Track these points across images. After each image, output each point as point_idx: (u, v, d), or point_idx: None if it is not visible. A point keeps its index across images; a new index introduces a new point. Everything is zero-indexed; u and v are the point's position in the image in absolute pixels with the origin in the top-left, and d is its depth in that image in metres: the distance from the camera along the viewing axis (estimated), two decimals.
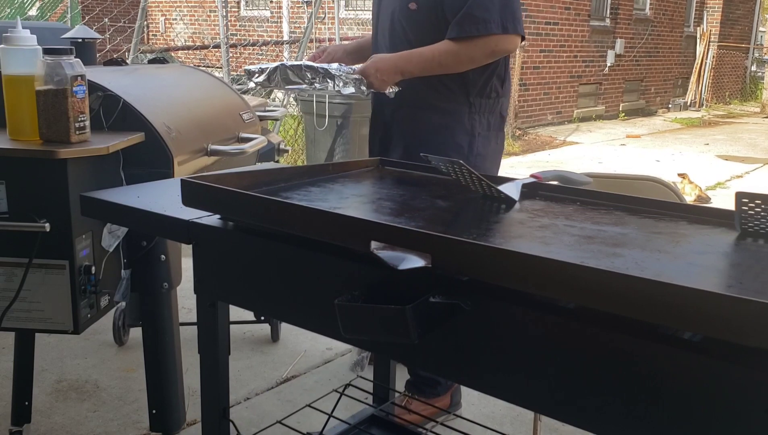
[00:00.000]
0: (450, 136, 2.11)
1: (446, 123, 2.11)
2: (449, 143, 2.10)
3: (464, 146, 2.12)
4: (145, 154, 1.75)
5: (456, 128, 2.12)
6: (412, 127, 2.14)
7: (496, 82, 2.14)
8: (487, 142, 2.17)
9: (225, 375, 1.35)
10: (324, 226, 1.05)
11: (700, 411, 0.80)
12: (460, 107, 2.11)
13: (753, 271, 1.04)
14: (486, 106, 2.14)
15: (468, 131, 2.13)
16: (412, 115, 2.14)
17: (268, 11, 11.98)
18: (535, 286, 0.87)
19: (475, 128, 2.13)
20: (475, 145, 2.13)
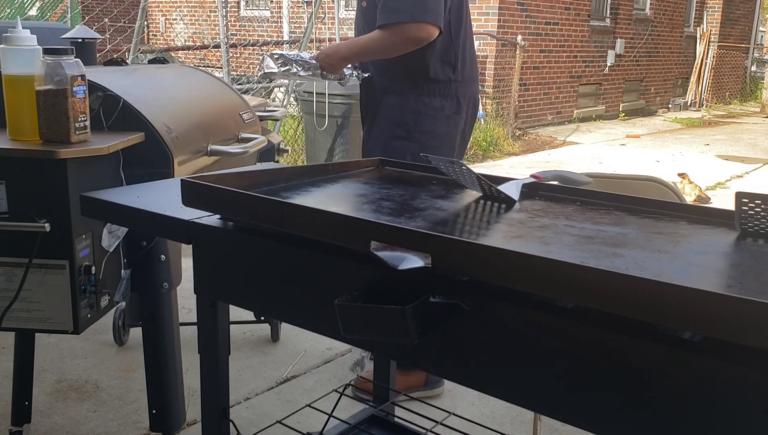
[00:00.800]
0: (398, 113, 2.38)
1: (396, 103, 2.38)
2: (396, 120, 2.38)
3: (409, 123, 2.37)
4: (145, 154, 1.75)
5: (403, 108, 2.37)
6: (375, 108, 2.44)
7: (446, 68, 2.34)
8: (436, 121, 2.38)
9: (225, 375, 1.35)
10: (324, 226, 1.05)
11: (700, 411, 0.80)
12: (408, 89, 2.36)
13: (753, 271, 1.04)
14: (436, 90, 2.36)
15: (413, 110, 2.37)
16: (375, 98, 2.43)
17: (268, 11, 11.98)
18: (535, 286, 0.87)
19: (420, 108, 2.36)
20: (420, 122, 2.37)
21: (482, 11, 9.17)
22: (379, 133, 2.41)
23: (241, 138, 2.24)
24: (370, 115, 2.47)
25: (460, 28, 2.35)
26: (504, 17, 9.23)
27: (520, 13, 9.50)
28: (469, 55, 2.42)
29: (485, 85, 9.22)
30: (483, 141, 8.00)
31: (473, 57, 2.45)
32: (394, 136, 2.37)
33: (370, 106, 2.46)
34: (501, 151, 8.16)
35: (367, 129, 2.48)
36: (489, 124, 8.60)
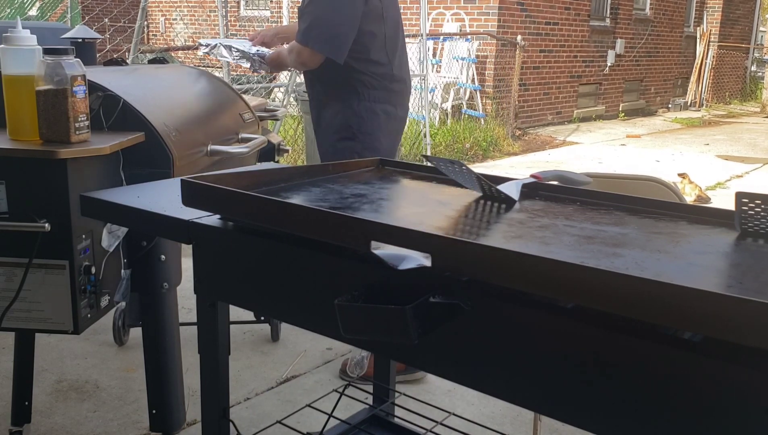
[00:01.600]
0: (340, 118, 2.65)
1: (338, 109, 2.65)
2: (337, 123, 2.65)
3: (352, 125, 2.64)
4: (145, 154, 1.75)
5: (346, 113, 2.64)
6: (317, 115, 2.75)
7: (381, 80, 2.65)
8: (373, 123, 2.66)
9: (225, 375, 1.35)
10: (324, 226, 1.05)
11: (700, 411, 0.80)
12: (349, 97, 2.63)
13: (753, 271, 1.04)
14: (375, 97, 2.65)
15: (356, 114, 2.63)
16: (322, 106, 2.71)
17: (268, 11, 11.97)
18: (535, 286, 0.87)
19: (361, 111, 2.63)
20: (363, 124, 2.64)
21: (482, 11, 9.17)
22: (325, 136, 2.72)
23: (241, 138, 2.24)
24: (316, 118, 2.78)
25: (396, 41, 2.67)
26: (504, 17, 9.23)
27: (520, 13, 9.50)
28: (405, 62, 2.76)
29: (485, 85, 9.23)
30: (483, 141, 8.00)
31: (407, 62, 2.80)
32: (342, 138, 2.65)
33: (315, 110, 2.77)
34: (501, 151, 8.16)
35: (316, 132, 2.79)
36: (489, 124, 8.60)
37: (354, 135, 2.62)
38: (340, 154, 2.57)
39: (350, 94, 2.62)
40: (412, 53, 7.36)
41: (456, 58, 8.92)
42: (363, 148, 2.61)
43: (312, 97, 2.75)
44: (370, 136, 2.65)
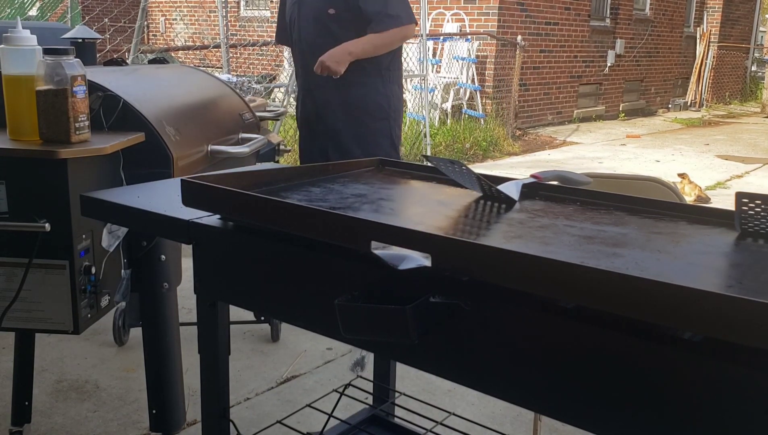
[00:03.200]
0: (371, 99, 2.82)
1: (365, 92, 2.81)
2: (371, 105, 2.82)
3: (384, 105, 2.85)
4: (145, 154, 1.75)
5: (374, 94, 2.84)
6: (341, 100, 2.81)
7: (395, 60, 2.90)
8: (399, 102, 2.94)
9: (225, 375, 1.35)
10: (324, 226, 1.05)
11: (701, 411, 0.80)
12: (374, 80, 2.83)
13: (753, 271, 1.04)
14: (394, 78, 2.89)
15: (384, 94, 2.86)
16: (341, 91, 2.80)
17: (268, 11, 11.97)
18: (535, 286, 0.87)
19: (388, 91, 2.88)
20: (392, 103, 2.87)
21: (482, 11, 9.17)
22: (356, 119, 2.81)
23: (241, 138, 2.24)
24: (329, 108, 2.84)
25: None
26: (504, 17, 9.23)
27: (520, 13, 9.50)
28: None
29: (485, 85, 9.22)
30: (483, 141, 8.00)
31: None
32: (377, 119, 2.80)
33: (329, 101, 2.84)
34: (501, 151, 8.16)
35: (333, 120, 2.84)
36: (489, 124, 8.60)
37: (387, 115, 2.80)
38: (377, 134, 2.79)
39: (375, 75, 2.77)
40: (413, 53, 7.36)
41: (456, 58, 8.92)
42: (395, 127, 2.84)
43: (325, 81, 2.77)
44: (398, 115, 2.86)
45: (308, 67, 2.79)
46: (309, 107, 2.93)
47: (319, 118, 2.90)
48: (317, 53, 2.72)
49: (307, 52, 2.82)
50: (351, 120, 2.81)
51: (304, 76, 2.89)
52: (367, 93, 2.79)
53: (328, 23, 2.75)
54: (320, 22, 2.77)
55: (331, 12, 2.74)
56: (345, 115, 2.82)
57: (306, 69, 2.83)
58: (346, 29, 2.72)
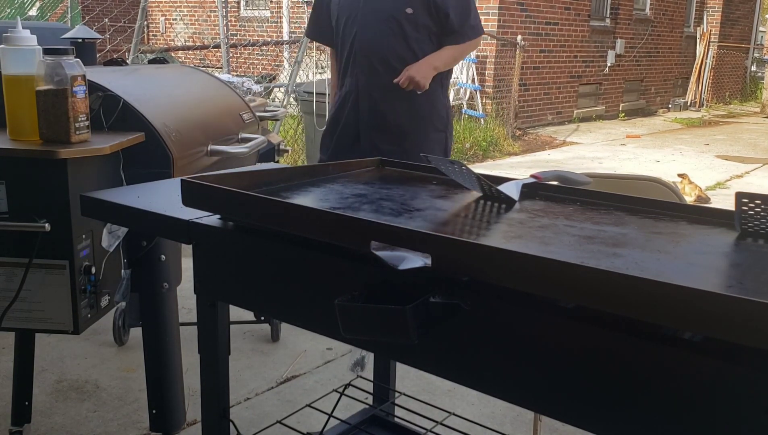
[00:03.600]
0: (435, 109, 2.75)
1: (432, 101, 2.73)
2: (435, 115, 2.75)
3: (444, 116, 2.79)
4: (145, 154, 1.75)
5: (438, 104, 2.77)
6: (407, 107, 2.71)
7: (451, 71, 2.90)
8: (451, 113, 2.89)
9: (225, 375, 1.35)
10: (324, 226, 1.05)
11: (701, 411, 0.80)
12: (436, 89, 2.74)
13: (753, 271, 1.04)
14: (447, 88, 2.89)
15: (444, 105, 2.82)
16: (408, 99, 2.69)
17: (268, 11, 11.97)
18: (535, 286, 0.87)
19: (447, 102, 2.85)
20: (449, 114, 2.85)
21: (482, 11, 9.16)
22: (418, 130, 2.73)
23: (241, 138, 2.24)
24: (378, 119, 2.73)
25: None
26: (504, 17, 9.23)
27: (520, 13, 9.50)
28: None
29: (485, 85, 9.22)
30: (483, 141, 8.00)
31: None
32: (435, 130, 2.75)
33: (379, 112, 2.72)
34: (501, 151, 8.16)
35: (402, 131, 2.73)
36: (489, 124, 8.60)
37: (446, 126, 2.78)
38: (434, 145, 2.74)
39: (437, 85, 2.73)
40: None
41: None
42: (449, 139, 2.84)
43: (393, 87, 2.66)
44: (452, 127, 2.86)
45: (371, 67, 2.69)
46: (364, 108, 2.75)
47: (377, 122, 2.75)
48: (384, 53, 2.64)
49: (371, 52, 2.68)
50: (414, 128, 2.72)
51: (366, 77, 2.71)
52: (433, 103, 2.73)
53: (403, 23, 2.64)
54: (393, 21, 2.64)
55: (408, 12, 2.63)
56: (410, 122, 2.73)
57: (367, 69, 2.70)
58: (419, 31, 2.64)
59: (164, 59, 2.70)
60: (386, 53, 2.64)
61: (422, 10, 2.62)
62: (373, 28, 2.66)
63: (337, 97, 2.86)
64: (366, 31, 2.67)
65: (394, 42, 2.64)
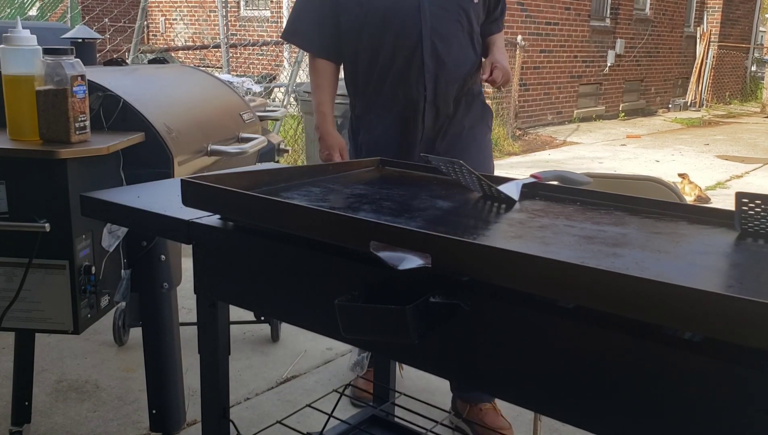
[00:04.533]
0: (487, 112, 2.38)
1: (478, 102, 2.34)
2: (487, 117, 2.39)
3: (490, 125, 2.43)
4: (145, 154, 1.75)
5: (485, 106, 2.38)
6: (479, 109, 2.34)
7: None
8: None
9: (225, 375, 1.35)
10: (324, 226, 1.05)
11: (701, 411, 0.80)
12: (481, 86, 2.36)
13: (753, 272, 1.04)
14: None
15: (489, 107, 2.40)
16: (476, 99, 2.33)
17: (268, 11, 11.97)
18: (535, 286, 0.87)
19: (487, 105, 2.41)
20: (491, 120, 2.45)
21: None
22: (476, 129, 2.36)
23: (241, 138, 2.24)
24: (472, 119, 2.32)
25: None
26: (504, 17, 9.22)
27: (520, 13, 9.50)
28: None
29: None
30: None
31: None
32: (488, 131, 2.45)
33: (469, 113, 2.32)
34: (501, 151, 8.16)
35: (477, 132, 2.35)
36: None
37: (489, 128, 2.47)
38: (488, 146, 2.42)
39: (480, 88, 2.42)
40: None
41: None
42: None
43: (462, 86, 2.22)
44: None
45: (440, 73, 2.14)
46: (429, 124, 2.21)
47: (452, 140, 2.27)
48: (456, 55, 2.15)
49: (442, 48, 2.13)
50: (480, 132, 2.35)
51: (434, 86, 2.15)
52: (483, 101, 2.38)
53: (469, 12, 2.16)
54: (462, 13, 2.15)
55: (475, 0, 2.17)
56: (477, 128, 2.33)
57: (434, 76, 2.14)
58: (477, 23, 2.22)
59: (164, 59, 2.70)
60: (457, 55, 2.16)
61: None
62: (440, 23, 2.12)
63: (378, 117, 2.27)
64: (432, 28, 2.11)
65: (461, 38, 2.16)
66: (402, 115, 2.19)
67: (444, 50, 2.12)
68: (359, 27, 2.14)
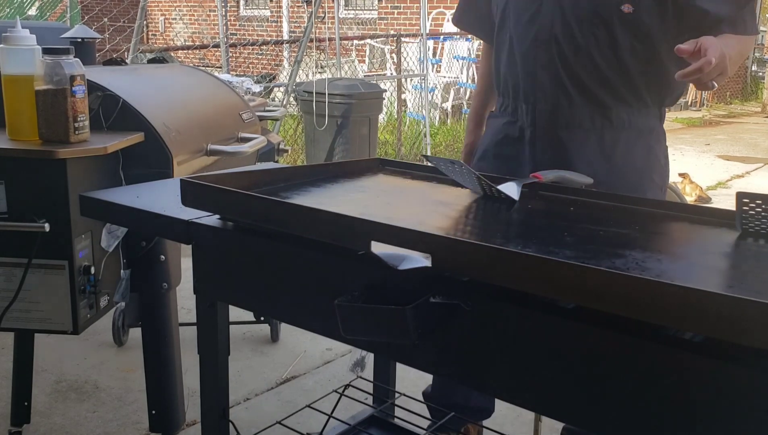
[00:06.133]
0: (648, 155, 1.78)
1: (647, 144, 1.78)
2: (650, 166, 1.80)
3: (664, 164, 1.84)
4: (145, 154, 1.75)
5: (653, 146, 1.79)
6: (587, 160, 1.74)
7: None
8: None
9: (225, 375, 1.35)
10: (324, 226, 1.05)
11: (701, 411, 0.80)
12: (654, 122, 1.79)
13: (754, 271, 1.04)
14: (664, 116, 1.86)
15: (664, 146, 1.83)
16: (589, 147, 1.75)
17: (268, 11, 11.98)
18: (535, 286, 0.87)
19: (665, 143, 1.84)
20: (668, 161, 1.86)
21: None
22: (628, 188, 1.71)
23: (241, 138, 2.23)
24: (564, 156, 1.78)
25: None
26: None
27: None
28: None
29: None
30: None
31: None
32: (651, 185, 1.86)
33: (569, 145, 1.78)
34: None
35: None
36: None
37: (664, 180, 1.93)
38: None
39: (655, 113, 1.84)
40: (412, 53, 7.36)
41: (456, 58, 8.91)
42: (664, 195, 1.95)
43: (583, 131, 1.76)
44: (667, 179, 1.99)
45: (558, 95, 1.75)
46: (544, 157, 1.78)
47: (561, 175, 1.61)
48: (579, 75, 1.72)
49: (562, 72, 1.73)
50: (622, 186, 1.69)
51: (549, 108, 1.76)
52: (650, 144, 1.81)
53: (615, 27, 1.69)
54: (600, 24, 1.69)
55: (626, 9, 1.68)
56: (614, 177, 1.73)
57: (551, 97, 1.75)
58: (638, 38, 1.69)
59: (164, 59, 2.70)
60: (584, 73, 1.72)
61: (649, 7, 1.67)
62: (565, 33, 1.72)
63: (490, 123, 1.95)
64: (552, 37, 1.73)
65: (596, 55, 1.71)
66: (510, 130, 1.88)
67: (563, 71, 1.74)
68: (499, 21, 1.89)
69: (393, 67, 8.40)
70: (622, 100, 1.73)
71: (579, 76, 1.73)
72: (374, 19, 10.83)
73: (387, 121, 7.61)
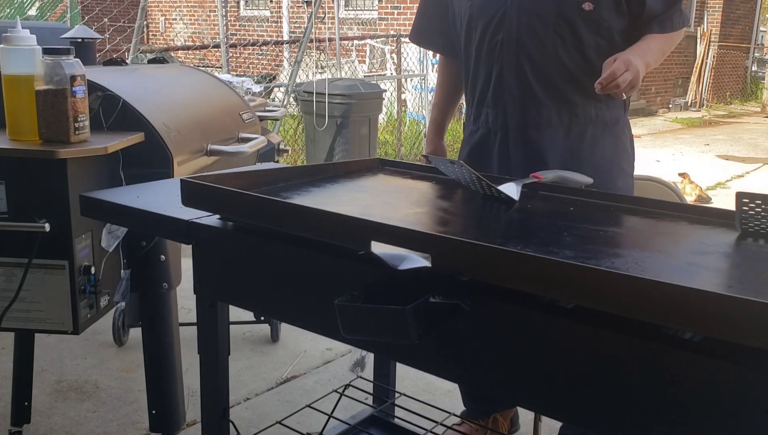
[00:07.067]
0: (616, 144, 1.88)
1: (614, 135, 1.87)
2: (618, 155, 1.89)
3: (631, 152, 1.96)
4: (145, 154, 1.75)
5: (620, 137, 1.89)
6: (559, 156, 1.82)
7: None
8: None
9: (225, 375, 1.35)
10: (324, 226, 1.05)
11: (701, 411, 0.80)
12: (618, 112, 1.88)
13: (753, 272, 1.04)
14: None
15: (630, 135, 1.96)
16: (560, 143, 1.83)
17: (268, 11, 11.98)
18: (535, 286, 0.87)
19: (630, 135, 1.96)
20: (632, 162, 1.98)
21: None
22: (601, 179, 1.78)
23: (241, 138, 2.23)
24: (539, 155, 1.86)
25: None
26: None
27: None
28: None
29: None
30: None
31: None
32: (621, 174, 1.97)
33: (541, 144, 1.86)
34: None
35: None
36: None
37: (633, 166, 2.05)
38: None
39: (619, 105, 1.92)
40: (413, 53, 7.36)
41: None
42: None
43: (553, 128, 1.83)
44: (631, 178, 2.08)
45: (526, 94, 1.81)
46: (517, 157, 1.85)
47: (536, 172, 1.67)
48: (548, 73, 1.79)
49: (529, 72, 1.80)
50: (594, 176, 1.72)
51: (519, 108, 1.82)
52: (617, 134, 1.91)
53: (578, 25, 1.77)
54: (563, 23, 1.77)
55: (587, 8, 1.76)
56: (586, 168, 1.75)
57: (520, 97, 1.81)
58: (600, 34, 1.78)
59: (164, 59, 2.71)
60: (551, 72, 1.79)
61: (608, 4, 1.77)
62: (531, 36, 1.78)
63: (468, 137, 1.98)
64: (518, 41, 1.79)
65: (563, 55, 1.78)
66: (485, 138, 1.95)
67: (530, 70, 1.80)
68: (463, 30, 1.94)
69: (393, 67, 8.40)
70: (589, 95, 1.78)
71: (546, 77, 1.80)
72: (374, 20, 10.83)
73: (387, 121, 7.61)
